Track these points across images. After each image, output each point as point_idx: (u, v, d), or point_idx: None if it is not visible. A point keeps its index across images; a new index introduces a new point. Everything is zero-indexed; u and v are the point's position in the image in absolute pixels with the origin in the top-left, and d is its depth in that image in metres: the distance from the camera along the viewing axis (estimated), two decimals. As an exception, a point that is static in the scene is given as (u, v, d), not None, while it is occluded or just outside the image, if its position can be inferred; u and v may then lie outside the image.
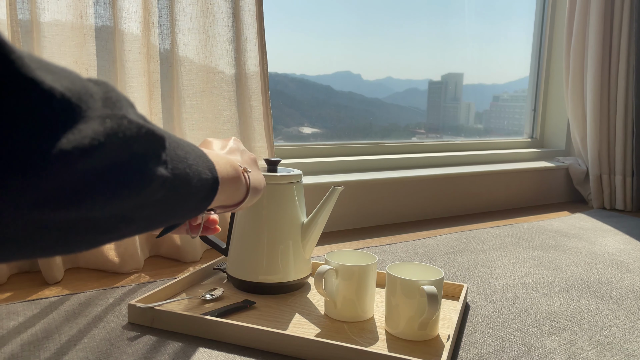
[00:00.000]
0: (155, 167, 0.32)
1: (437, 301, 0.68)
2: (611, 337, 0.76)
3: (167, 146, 0.34)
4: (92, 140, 0.27)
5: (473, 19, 1.89)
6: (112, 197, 0.29)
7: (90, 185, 0.27)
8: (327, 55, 1.64)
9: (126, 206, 0.31)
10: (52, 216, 0.26)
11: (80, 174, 0.27)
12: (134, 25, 0.97)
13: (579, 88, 1.79)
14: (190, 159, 0.39)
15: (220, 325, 0.69)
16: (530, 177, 1.76)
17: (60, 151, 0.25)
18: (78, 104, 0.27)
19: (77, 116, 0.26)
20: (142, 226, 0.35)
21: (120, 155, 0.29)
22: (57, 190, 0.26)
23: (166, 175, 0.33)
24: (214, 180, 0.43)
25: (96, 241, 0.31)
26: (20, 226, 0.25)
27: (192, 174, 0.38)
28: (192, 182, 0.38)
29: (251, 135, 1.13)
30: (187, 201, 0.39)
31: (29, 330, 0.71)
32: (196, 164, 0.39)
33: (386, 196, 1.43)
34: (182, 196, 0.38)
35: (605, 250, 1.22)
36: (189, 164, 0.38)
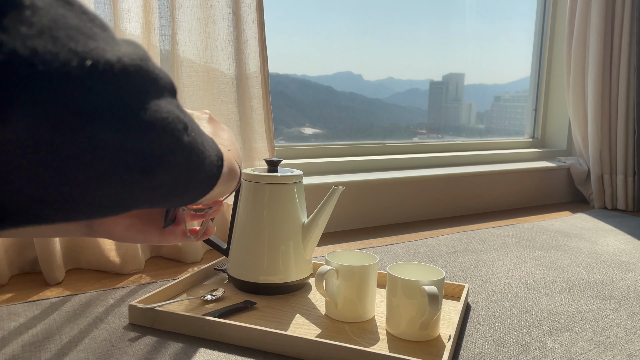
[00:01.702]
0: (177, 110, 0.32)
1: (438, 301, 0.68)
2: (613, 337, 0.76)
3: (177, 99, 0.34)
4: (132, 60, 0.27)
5: (474, 19, 1.89)
6: (149, 125, 0.28)
7: (132, 108, 0.27)
8: (328, 55, 1.64)
9: (161, 142, 0.29)
10: (102, 136, 0.25)
11: (124, 92, 0.26)
12: (135, 26, 0.97)
13: (580, 88, 1.78)
14: (195, 123, 0.37)
15: (221, 326, 0.69)
16: (531, 177, 1.76)
17: (107, 61, 0.25)
18: (109, 30, 0.27)
19: (113, 37, 0.27)
20: (171, 180, 0.33)
21: (152, 86, 0.29)
22: (104, 106, 0.25)
23: (187, 122, 0.33)
24: (219, 151, 0.41)
25: (135, 186, 0.29)
26: (78, 143, 0.24)
27: (203, 135, 0.37)
28: (205, 142, 0.37)
29: (252, 135, 1.13)
30: (203, 163, 0.37)
31: (30, 331, 0.71)
32: (201, 131, 0.38)
33: (387, 196, 1.43)
34: (201, 154, 0.36)
35: (607, 250, 1.22)
36: (197, 126, 0.36)
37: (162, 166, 0.30)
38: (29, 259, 0.95)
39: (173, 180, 0.33)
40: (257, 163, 1.14)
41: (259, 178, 0.84)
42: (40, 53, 0.22)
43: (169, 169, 0.31)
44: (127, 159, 0.27)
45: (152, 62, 0.30)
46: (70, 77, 0.23)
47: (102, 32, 0.26)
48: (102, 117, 0.25)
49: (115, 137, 0.26)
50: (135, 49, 0.28)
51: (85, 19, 0.25)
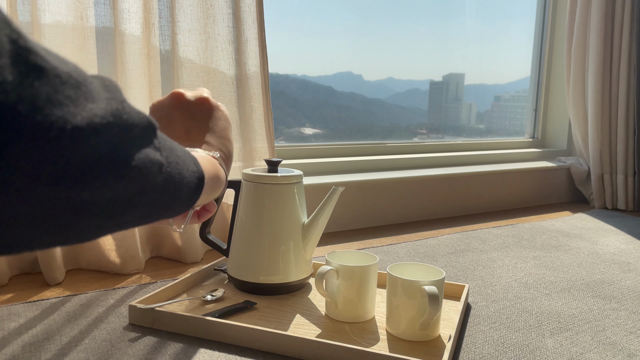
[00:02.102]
0: (153, 151, 0.33)
1: (438, 301, 0.68)
2: (613, 337, 0.76)
3: (157, 135, 0.35)
4: (102, 119, 0.28)
5: (474, 19, 1.89)
6: (118, 177, 0.30)
7: (100, 164, 0.28)
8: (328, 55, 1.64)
9: (130, 189, 0.31)
10: (66, 194, 0.27)
11: (92, 151, 0.27)
12: (135, 26, 0.97)
13: (580, 88, 1.78)
14: (178, 150, 0.39)
15: (221, 326, 0.69)
16: (531, 177, 1.76)
17: (75, 127, 0.26)
18: (85, 84, 0.28)
19: (86, 95, 0.27)
20: (143, 214, 0.35)
21: (124, 137, 0.30)
22: (72, 167, 0.27)
23: (162, 161, 0.34)
24: (200, 173, 0.43)
25: (102, 227, 0.32)
26: (36, 202, 0.26)
27: (182, 165, 0.39)
28: (184, 171, 0.39)
29: (252, 135, 1.13)
30: (181, 191, 0.39)
31: (30, 331, 0.71)
32: (183, 156, 0.40)
33: (387, 197, 1.43)
34: (177, 185, 0.38)
35: (607, 250, 1.22)
36: (178, 155, 0.39)
37: (130, 207, 0.32)
38: (29, 259, 0.95)
39: (145, 213, 0.35)
40: (257, 163, 1.14)
41: (259, 178, 0.84)
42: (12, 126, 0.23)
43: (138, 208, 0.33)
44: (92, 209, 0.29)
45: (127, 110, 0.30)
46: (39, 145, 0.24)
47: (75, 92, 0.27)
48: (69, 178, 0.27)
49: (81, 193, 0.28)
50: (108, 103, 0.29)
51: (58, 83, 0.26)
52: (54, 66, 0.26)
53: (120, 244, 0.97)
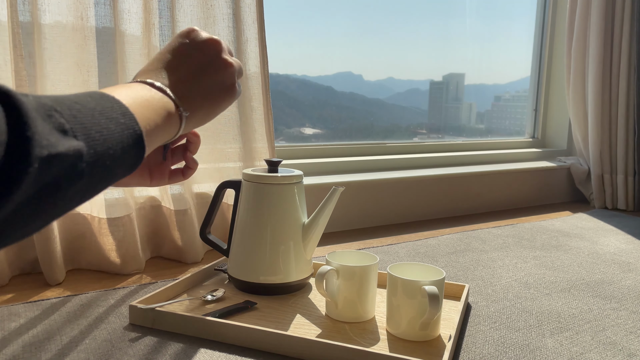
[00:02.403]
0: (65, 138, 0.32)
1: (439, 301, 0.68)
2: (613, 337, 0.76)
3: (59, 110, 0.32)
4: None
5: (474, 19, 1.89)
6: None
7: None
8: (328, 55, 1.64)
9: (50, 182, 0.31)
10: None
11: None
12: (135, 26, 0.97)
13: (580, 88, 1.78)
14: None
15: (222, 326, 0.69)
16: (531, 177, 1.76)
17: None
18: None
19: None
20: (79, 194, 0.35)
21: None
22: None
23: (80, 167, 0.33)
24: (137, 137, 0.39)
25: (34, 224, 0.32)
26: None
27: (108, 149, 0.36)
28: (113, 147, 0.36)
29: (252, 135, 1.13)
30: (113, 171, 0.37)
31: (30, 331, 0.71)
32: (112, 136, 0.36)
33: (387, 197, 1.43)
34: (107, 168, 0.36)
35: (607, 250, 1.22)
36: (105, 140, 0.35)
37: (65, 189, 0.33)
38: (29, 260, 0.95)
39: (85, 186, 0.35)
40: (257, 163, 1.14)
41: (260, 178, 0.84)
42: None
43: (70, 194, 0.33)
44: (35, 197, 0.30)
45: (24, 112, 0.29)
46: None
47: None
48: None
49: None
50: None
51: None
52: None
53: (120, 244, 0.97)
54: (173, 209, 1.04)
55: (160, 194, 1.05)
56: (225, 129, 1.10)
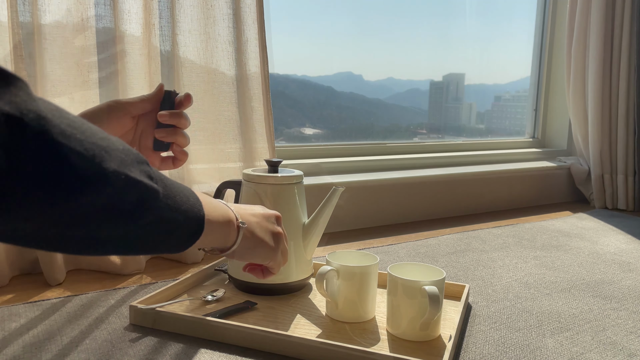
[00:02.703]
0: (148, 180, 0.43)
1: (439, 302, 0.68)
2: (613, 337, 0.76)
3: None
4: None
5: (474, 19, 1.89)
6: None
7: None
8: (329, 56, 1.64)
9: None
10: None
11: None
12: (135, 27, 0.97)
13: (580, 88, 1.78)
14: (180, 193, 0.47)
15: (222, 327, 0.69)
16: (532, 177, 1.76)
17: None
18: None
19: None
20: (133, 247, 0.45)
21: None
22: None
23: (158, 189, 0.44)
24: (200, 217, 0.50)
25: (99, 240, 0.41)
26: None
27: (178, 195, 0.47)
28: (183, 204, 0.47)
29: (252, 136, 1.13)
30: (174, 231, 0.47)
31: (30, 331, 0.71)
32: (186, 198, 0.48)
33: (387, 197, 1.43)
34: (170, 224, 0.46)
35: (608, 250, 1.22)
36: (178, 197, 0.47)
37: (136, 218, 0.42)
38: (29, 260, 0.95)
39: (147, 228, 0.44)
40: (257, 163, 1.14)
41: (260, 179, 0.84)
42: None
43: (141, 221, 0.43)
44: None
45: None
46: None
47: None
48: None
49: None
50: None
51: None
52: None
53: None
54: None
55: (160, 194, 1.05)
56: (225, 129, 1.10)
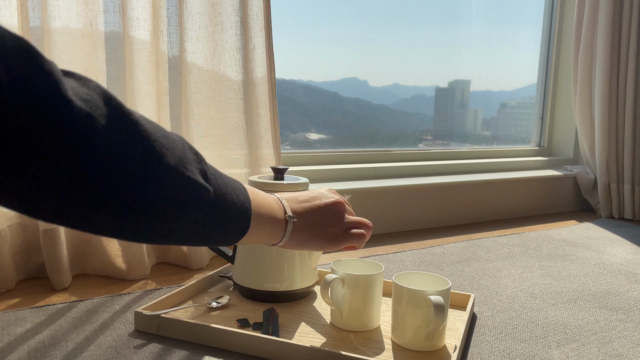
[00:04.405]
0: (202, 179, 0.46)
1: (444, 311, 0.68)
2: (620, 349, 0.75)
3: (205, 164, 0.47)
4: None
5: (480, 26, 1.89)
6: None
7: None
8: (334, 61, 1.64)
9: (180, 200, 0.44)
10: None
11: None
12: (144, 33, 0.97)
13: (587, 96, 1.78)
14: (229, 184, 0.50)
15: (226, 334, 0.69)
16: (538, 185, 1.75)
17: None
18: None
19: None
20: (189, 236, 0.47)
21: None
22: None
23: (208, 187, 0.47)
24: (247, 217, 0.52)
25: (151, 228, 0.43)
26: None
27: (231, 197, 0.50)
28: (232, 204, 0.50)
29: (258, 142, 1.13)
30: (222, 228, 0.49)
31: (36, 337, 0.71)
32: (236, 197, 0.51)
33: (392, 204, 1.43)
34: (218, 222, 0.48)
35: (614, 261, 1.21)
36: (227, 188, 0.50)
37: (188, 214, 0.45)
38: (35, 265, 0.96)
39: (200, 224, 0.47)
40: (263, 169, 1.14)
41: (266, 186, 0.85)
42: None
43: (193, 216, 0.46)
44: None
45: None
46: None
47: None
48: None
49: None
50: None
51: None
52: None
53: (126, 249, 0.98)
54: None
55: (166, 200, 1.05)
56: (231, 136, 1.11)
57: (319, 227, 0.62)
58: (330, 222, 0.63)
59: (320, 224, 0.62)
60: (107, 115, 0.36)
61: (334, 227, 0.63)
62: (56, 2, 0.89)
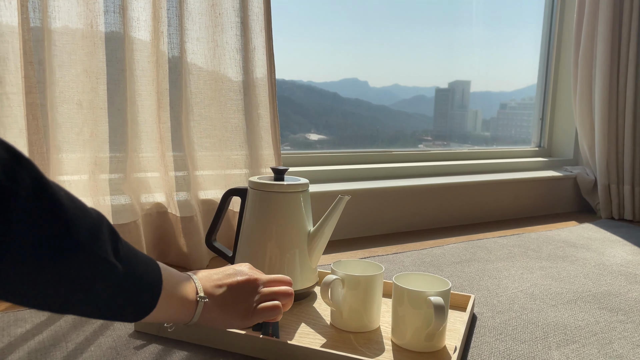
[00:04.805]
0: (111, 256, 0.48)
1: (444, 312, 0.68)
2: (620, 350, 0.75)
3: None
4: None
5: (480, 27, 1.89)
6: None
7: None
8: (334, 62, 1.64)
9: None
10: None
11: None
12: (144, 34, 0.98)
13: (587, 97, 1.78)
14: (140, 262, 0.53)
15: (226, 335, 0.69)
16: (537, 186, 1.75)
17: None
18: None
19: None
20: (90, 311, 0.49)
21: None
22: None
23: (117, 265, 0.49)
24: (155, 295, 0.54)
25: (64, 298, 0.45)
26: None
27: (141, 274, 0.52)
28: (141, 281, 0.52)
29: (258, 143, 1.14)
30: (127, 305, 0.51)
31: (36, 337, 0.71)
32: (147, 275, 0.53)
33: (392, 205, 1.43)
34: (124, 299, 0.50)
35: (614, 261, 1.21)
36: (138, 263, 0.52)
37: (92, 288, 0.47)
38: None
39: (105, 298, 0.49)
40: (263, 170, 1.14)
41: (266, 186, 0.85)
42: None
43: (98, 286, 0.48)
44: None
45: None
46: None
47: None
48: None
49: None
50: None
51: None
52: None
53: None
54: (179, 216, 1.04)
55: (166, 201, 1.06)
56: (232, 136, 1.11)
57: (230, 306, 0.64)
58: (243, 299, 0.65)
59: (231, 302, 0.64)
60: (26, 187, 0.38)
61: (245, 303, 0.65)
62: (56, 2, 0.89)
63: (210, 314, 0.62)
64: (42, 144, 0.88)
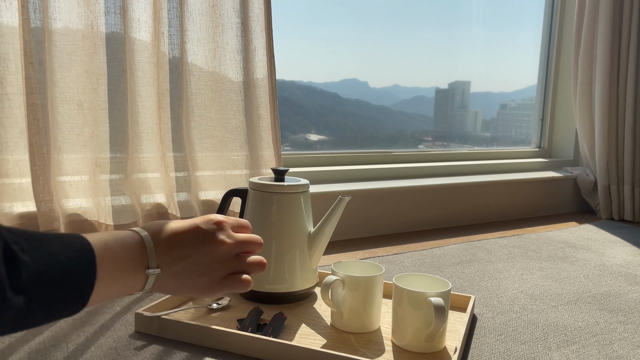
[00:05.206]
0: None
1: (444, 313, 0.68)
2: (620, 351, 0.75)
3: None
4: None
5: (480, 27, 1.90)
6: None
7: None
8: (334, 62, 1.65)
9: None
10: None
11: None
12: (144, 35, 0.98)
13: (587, 97, 1.78)
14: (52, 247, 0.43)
15: (227, 336, 0.70)
16: (538, 187, 1.75)
17: None
18: None
19: None
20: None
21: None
22: None
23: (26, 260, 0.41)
24: (87, 251, 0.45)
25: None
26: None
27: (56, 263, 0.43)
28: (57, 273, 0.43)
29: (259, 144, 1.14)
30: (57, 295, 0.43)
31: (36, 338, 0.71)
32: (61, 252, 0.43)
33: (393, 206, 1.43)
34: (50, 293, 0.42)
35: (614, 262, 1.21)
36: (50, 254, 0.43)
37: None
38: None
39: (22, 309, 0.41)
40: (263, 171, 1.15)
41: (266, 187, 0.85)
42: None
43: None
44: None
45: None
46: None
47: None
48: None
49: None
50: None
51: None
52: None
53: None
54: (179, 216, 1.04)
55: (167, 201, 1.06)
56: (232, 137, 1.11)
57: (188, 279, 0.53)
58: (206, 271, 0.54)
59: (190, 275, 0.53)
60: None
61: (209, 276, 0.54)
62: (57, 3, 0.89)
63: (166, 285, 0.53)
64: (42, 145, 0.88)
